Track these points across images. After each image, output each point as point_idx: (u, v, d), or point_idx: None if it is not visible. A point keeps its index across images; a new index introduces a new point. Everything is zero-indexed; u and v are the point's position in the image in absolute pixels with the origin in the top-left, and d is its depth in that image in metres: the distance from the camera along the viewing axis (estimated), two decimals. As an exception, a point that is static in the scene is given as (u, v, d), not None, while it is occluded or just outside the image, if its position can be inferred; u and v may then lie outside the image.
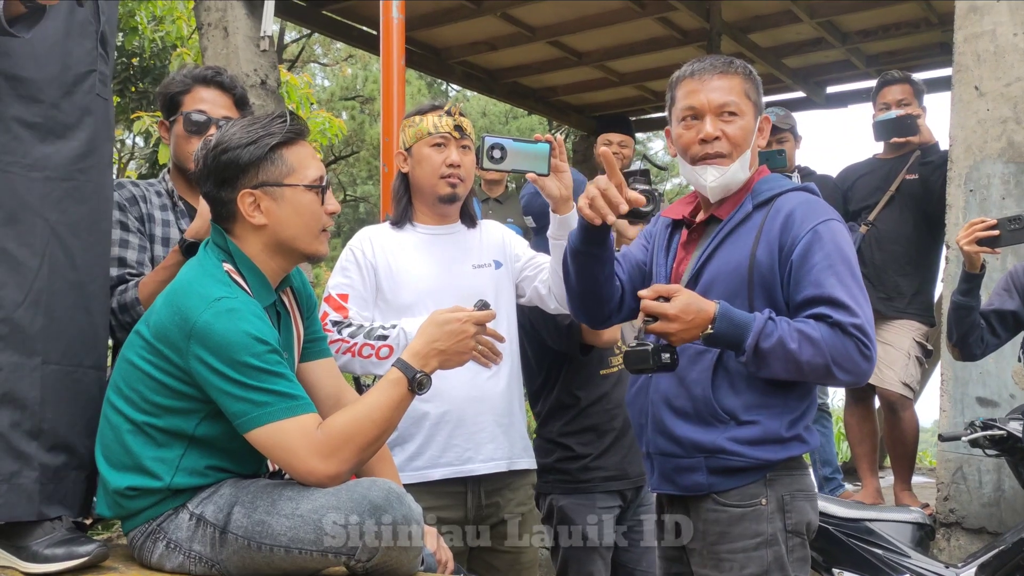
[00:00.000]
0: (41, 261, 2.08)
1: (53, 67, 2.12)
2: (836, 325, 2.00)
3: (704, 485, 2.14)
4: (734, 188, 2.22)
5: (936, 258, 4.37)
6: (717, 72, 2.19)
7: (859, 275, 2.10)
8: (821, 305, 2.03)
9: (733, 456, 2.10)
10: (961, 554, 3.67)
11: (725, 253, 2.17)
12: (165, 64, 8.83)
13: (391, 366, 2.04)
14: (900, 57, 6.88)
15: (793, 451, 2.12)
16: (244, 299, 1.97)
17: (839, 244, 2.08)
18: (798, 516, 2.13)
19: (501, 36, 6.76)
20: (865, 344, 2.01)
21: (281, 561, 1.92)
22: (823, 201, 2.19)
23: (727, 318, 2.04)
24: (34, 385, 2.06)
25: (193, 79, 2.67)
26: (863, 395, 4.55)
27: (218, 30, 5.34)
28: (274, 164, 2.03)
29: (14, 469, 2.03)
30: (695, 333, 2.06)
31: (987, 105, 3.78)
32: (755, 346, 2.02)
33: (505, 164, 2.53)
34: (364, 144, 16.69)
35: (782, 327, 2.02)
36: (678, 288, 2.09)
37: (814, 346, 2.00)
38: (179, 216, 2.68)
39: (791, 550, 2.12)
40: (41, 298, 2.07)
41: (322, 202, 2.08)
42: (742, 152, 2.18)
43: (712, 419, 2.12)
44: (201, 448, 2.00)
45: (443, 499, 2.65)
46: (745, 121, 2.18)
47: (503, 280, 2.82)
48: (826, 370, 2.01)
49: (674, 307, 2.04)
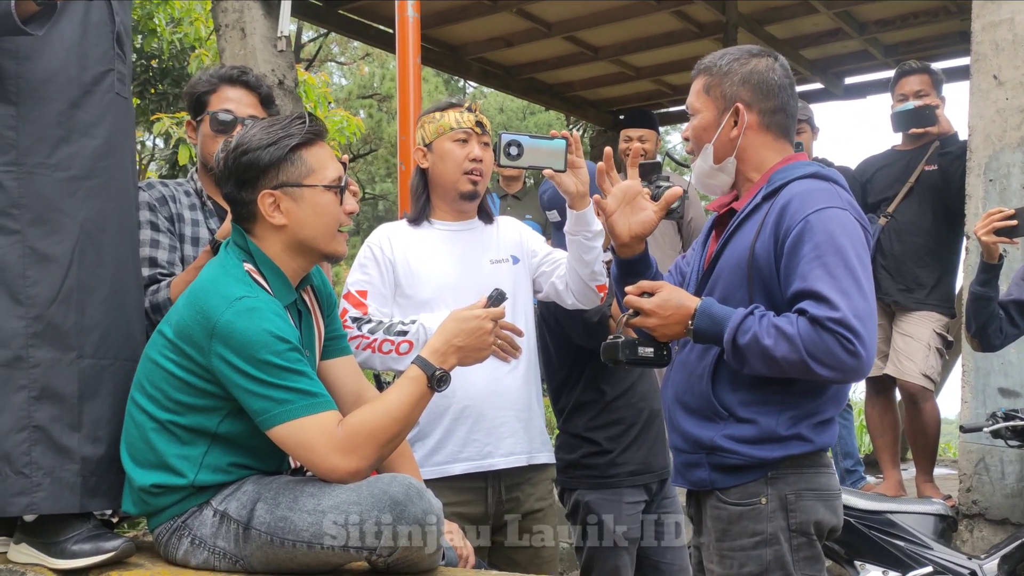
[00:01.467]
0: (71, 258, 2.13)
1: (72, 68, 2.17)
2: (814, 320, 1.93)
3: (707, 481, 2.13)
4: (716, 183, 2.25)
5: (956, 249, 4.34)
6: (695, 73, 2.26)
7: (855, 264, 1.99)
8: (804, 299, 1.97)
9: (730, 454, 2.09)
10: (984, 545, 3.65)
11: (732, 245, 2.16)
12: (184, 66, 8.89)
13: (410, 363, 2.06)
14: (918, 46, 6.83)
15: (792, 450, 2.07)
16: (265, 298, 1.99)
17: (831, 233, 2.00)
18: (804, 515, 2.08)
19: (517, 32, 6.76)
20: (848, 339, 1.91)
21: (304, 556, 1.94)
22: (829, 187, 2.11)
23: (707, 314, 2.04)
24: (71, 380, 2.11)
25: (219, 79, 2.70)
26: (884, 387, 4.53)
27: (235, 31, 5.38)
28: (293, 165, 2.05)
29: (56, 463, 2.08)
30: (677, 329, 2.07)
31: (1006, 94, 3.75)
32: (732, 341, 2.00)
33: (522, 161, 2.55)
34: (382, 142, 16.74)
35: (761, 323, 1.98)
36: (662, 284, 2.11)
37: (789, 342, 1.94)
38: (208, 215, 2.71)
39: (795, 549, 2.07)
40: (72, 295, 2.13)
41: (340, 202, 2.11)
42: (701, 148, 2.22)
43: (712, 415, 2.12)
44: (224, 445, 2.03)
45: (464, 494, 2.66)
46: (700, 119, 2.21)
47: (520, 276, 2.83)
48: (804, 366, 1.95)
49: (652, 302, 2.07)
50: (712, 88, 2.20)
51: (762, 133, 2.20)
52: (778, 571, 2.07)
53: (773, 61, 2.22)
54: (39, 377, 2.08)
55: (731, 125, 2.18)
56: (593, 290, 2.70)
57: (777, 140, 2.22)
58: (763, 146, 2.20)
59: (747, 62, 2.20)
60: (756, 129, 2.19)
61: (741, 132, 2.18)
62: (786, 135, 2.24)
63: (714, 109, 2.19)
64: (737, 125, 2.18)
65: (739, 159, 2.20)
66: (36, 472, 2.05)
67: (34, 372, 2.08)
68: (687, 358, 2.19)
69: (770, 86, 2.19)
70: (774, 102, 2.20)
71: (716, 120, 2.19)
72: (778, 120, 2.21)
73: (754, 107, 2.18)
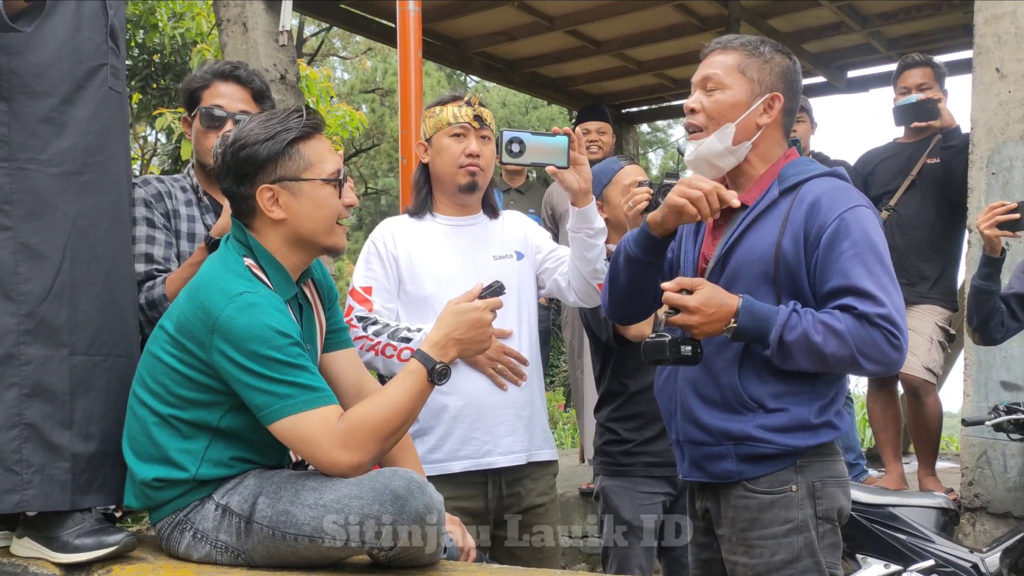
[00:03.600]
0: (63, 255, 2.12)
1: (64, 63, 2.16)
2: (862, 316, 1.98)
3: (734, 472, 2.13)
4: (721, 164, 2.21)
5: (958, 242, 4.34)
6: (720, 48, 2.22)
7: (888, 262, 2.05)
8: (847, 296, 2.00)
9: (762, 443, 2.09)
10: (986, 539, 3.66)
11: (750, 241, 2.15)
12: (186, 61, 8.89)
13: (410, 356, 2.06)
14: (921, 39, 6.80)
15: (823, 437, 2.11)
16: (265, 293, 2.00)
17: (867, 231, 2.04)
18: (829, 502, 2.12)
19: (519, 26, 6.74)
20: (893, 334, 1.98)
21: (305, 550, 1.95)
22: (852, 187, 2.15)
23: (750, 312, 2.04)
24: (63, 377, 2.10)
25: (212, 74, 2.70)
26: (886, 381, 4.53)
27: (237, 25, 5.37)
28: (292, 159, 2.05)
29: (47, 460, 2.07)
30: (718, 327, 2.06)
31: (1008, 87, 3.75)
32: (779, 339, 2.01)
33: (524, 158, 2.54)
34: (384, 137, 16.73)
35: (806, 319, 2.01)
36: (701, 281, 2.09)
37: (839, 338, 1.98)
38: (203, 211, 2.71)
39: (822, 536, 2.11)
40: (64, 291, 2.11)
41: (339, 195, 2.11)
42: (719, 125, 2.17)
43: (740, 407, 2.11)
44: (226, 440, 2.04)
45: (464, 489, 2.67)
46: (728, 95, 2.17)
47: (524, 272, 2.83)
48: (852, 361, 2.00)
49: (696, 300, 2.04)
50: (750, 69, 2.18)
51: (778, 128, 2.22)
52: (808, 558, 2.09)
53: (798, 64, 2.26)
54: (30, 374, 2.07)
55: (761, 111, 2.18)
56: (595, 288, 2.71)
57: (784, 138, 2.25)
58: (775, 141, 2.23)
59: (784, 57, 2.23)
60: (777, 123, 2.21)
61: (771, 120, 2.19)
62: (788, 136, 2.27)
63: (748, 90, 2.18)
64: (766, 113, 2.18)
65: (753, 146, 2.19)
66: (26, 469, 2.05)
67: (25, 369, 2.07)
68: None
69: (797, 87, 2.24)
70: (795, 103, 2.25)
71: (747, 101, 2.17)
72: (789, 121, 2.25)
73: (784, 101, 2.20)
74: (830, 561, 2.12)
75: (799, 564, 2.08)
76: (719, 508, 2.19)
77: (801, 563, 2.08)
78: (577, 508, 5.16)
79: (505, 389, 2.69)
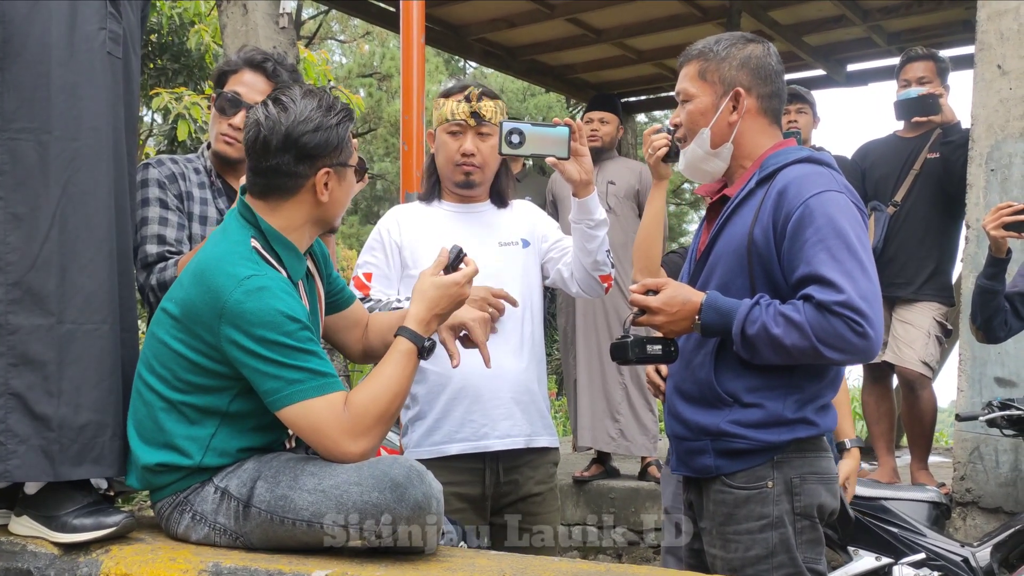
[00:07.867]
0: (51, 222, 2.08)
1: (60, 27, 2.12)
2: (821, 305, 1.95)
3: (712, 467, 2.14)
4: (710, 169, 2.25)
5: (955, 238, 4.35)
6: (684, 61, 2.26)
7: (857, 246, 2.00)
8: (809, 284, 1.99)
9: (736, 439, 2.10)
10: (977, 533, 3.68)
11: (728, 233, 2.16)
12: (183, 41, 8.84)
13: (397, 335, 2.08)
14: (922, 34, 6.79)
15: (799, 433, 2.09)
16: (273, 276, 1.99)
17: (831, 216, 2.00)
18: (808, 499, 2.11)
19: (519, 13, 6.72)
20: (856, 321, 1.93)
21: (303, 535, 1.95)
22: (824, 171, 2.11)
23: (714, 308, 2.05)
24: (51, 346, 2.07)
25: (244, 61, 2.69)
26: (881, 374, 4.55)
27: (237, 7, 5.34)
28: (348, 145, 2.10)
29: (32, 430, 2.05)
30: (685, 325, 2.08)
31: (1009, 84, 3.75)
32: (741, 333, 2.02)
33: (524, 149, 2.54)
34: (381, 121, 16.66)
35: (767, 312, 2.00)
36: (666, 281, 2.13)
37: (798, 329, 1.96)
38: (216, 194, 2.69)
39: (799, 532, 2.10)
40: (53, 258, 2.08)
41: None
42: (696, 133, 2.22)
43: (716, 402, 2.13)
44: (233, 425, 2.04)
45: (462, 475, 2.68)
46: (695, 104, 2.21)
47: (530, 260, 2.84)
48: (815, 352, 1.97)
49: (657, 300, 2.09)
50: (708, 72, 2.20)
51: (759, 118, 2.21)
52: (783, 554, 2.09)
53: (767, 47, 2.23)
54: (16, 344, 2.04)
55: (730, 109, 2.18)
56: (597, 280, 2.72)
57: (771, 126, 2.24)
58: (759, 132, 2.22)
59: (743, 47, 2.21)
60: (754, 114, 2.20)
61: (741, 116, 2.18)
62: (778, 121, 2.26)
63: (711, 93, 2.20)
64: (736, 109, 2.18)
65: (735, 144, 2.20)
66: (11, 439, 2.03)
67: (11, 339, 2.04)
68: (683, 347, 2.20)
69: (768, 71, 2.21)
70: (771, 87, 2.21)
71: (714, 104, 2.19)
72: (773, 105, 2.23)
73: (753, 91, 2.19)
74: (810, 557, 2.11)
75: (774, 560, 2.09)
76: (701, 501, 2.22)
77: (776, 559, 2.09)
78: (570, 496, 5.18)
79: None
